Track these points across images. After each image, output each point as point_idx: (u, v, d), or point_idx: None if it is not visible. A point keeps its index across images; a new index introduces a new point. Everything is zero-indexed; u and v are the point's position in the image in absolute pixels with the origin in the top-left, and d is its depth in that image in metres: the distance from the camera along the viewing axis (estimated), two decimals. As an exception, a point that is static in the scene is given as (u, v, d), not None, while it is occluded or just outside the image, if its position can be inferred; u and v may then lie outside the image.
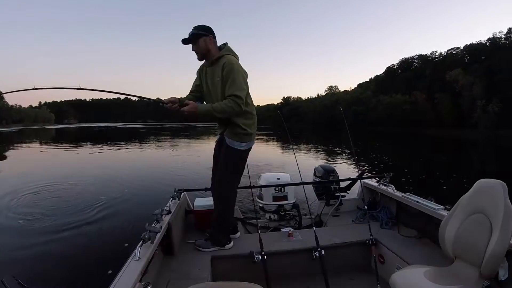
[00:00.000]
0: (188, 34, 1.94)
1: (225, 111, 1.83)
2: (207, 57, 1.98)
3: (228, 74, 1.85)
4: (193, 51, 1.98)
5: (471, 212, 1.51)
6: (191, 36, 1.93)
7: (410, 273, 1.51)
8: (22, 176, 8.42)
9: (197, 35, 1.92)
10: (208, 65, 2.00)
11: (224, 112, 1.84)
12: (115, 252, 3.35)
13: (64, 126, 65.67)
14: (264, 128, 47.84)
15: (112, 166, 10.35)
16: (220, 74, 1.89)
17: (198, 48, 1.95)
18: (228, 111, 1.83)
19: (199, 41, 1.93)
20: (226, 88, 1.85)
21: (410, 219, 2.33)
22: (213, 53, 1.97)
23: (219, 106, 1.82)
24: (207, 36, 1.93)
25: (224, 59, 1.91)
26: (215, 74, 1.95)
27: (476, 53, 46.55)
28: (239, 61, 1.99)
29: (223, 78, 1.87)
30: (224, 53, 1.95)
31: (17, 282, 1.01)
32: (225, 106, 1.82)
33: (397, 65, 64.76)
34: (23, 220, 4.66)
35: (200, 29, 1.94)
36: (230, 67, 1.86)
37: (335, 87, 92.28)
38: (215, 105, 1.83)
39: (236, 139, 1.98)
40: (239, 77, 1.86)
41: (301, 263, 2.09)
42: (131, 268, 1.30)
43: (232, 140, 1.98)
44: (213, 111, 1.82)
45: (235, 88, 1.83)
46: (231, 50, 2.01)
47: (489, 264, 1.35)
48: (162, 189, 6.50)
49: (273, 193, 2.90)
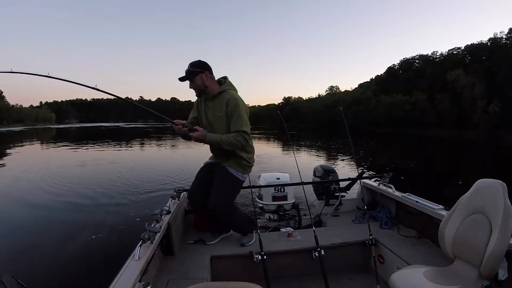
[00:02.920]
0: (185, 72, 1.97)
1: (233, 144, 1.91)
2: (205, 92, 2.02)
3: (233, 110, 1.92)
4: (190, 88, 2.01)
5: (470, 212, 1.51)
6: (187, 74, 1.96)
7: (409, 273, 1.50)
8: (22, 176, 8.45)
9: (193, 72, 1.95)
10: (209, 99, 2.03)
11: (232, 146, 1.92)
12: (115, 252, 3.36)
13: (66, 126, 65.69)
14: (262, 128, 47.82)
15: (112, 165, 10.36)
16: (224, 109, 1.94)
17: (195, 86, 1.99)
18: (237, 145, 1.92)
19: (196, 78, 1.96)
20: (232, 123, 1.93)
21: (410, 219, 2.32)
22: (212, 88, 2.00)
23: (228, 139, 1.90)
24: (203, 73, 1.97)
25: (227, 94, 1.97)
26: (217, 108, 1.99)
27: (477, 53, 46.44)
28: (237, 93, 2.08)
29: (228, 114, 1.93)
30: (226, 88, 2.01)
31: (16, 281, 1.01)
32: (234, 140, 1.90)
33: (398, 65, 64.77)
34: (23, 219, 4.67)
35: (196, 66, 1.97)
36: (235, 102, 1.92)
37: (336, 87, 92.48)
38: (224, 138, 1.90)
39: (240, 170, 2.05)
40: (244, 113, 1.94)
41: (301, 263, 2.09)
42: (130, 268, 1.30)
43: (236, 171, 2.04)
44: (221, 142, 1.89)
45: (241, 124, 1.91)
46: (232, 85, 2.07)
47: (489, 264, 1.34)
48: (161, 189, 6.51)
49: (272, 193, 2.90)
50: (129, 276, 1.23)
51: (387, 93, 56.30)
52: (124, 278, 1.22)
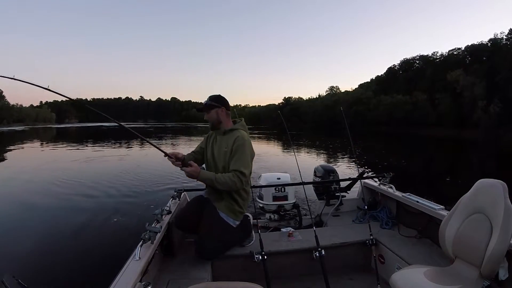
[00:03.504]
0: (203, 103, 2.05)
1: (228, 185, 1.84)
2: (218, 127, 2.05)
3: (238, 148, 1.90)
4: (205, 119, 2.06)
5: (471, 212, 1.51)
6: (204, 106, 2.03)
7: (410, 273, 1.51)
8: (23, 175, 8.45)
9: (210, 105, 2.02)
10: (220, 134, 2.06)
11: (226, 186, 1.85)
12: (115, 252, 3.35)
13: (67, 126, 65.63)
14: (262, 128, 47.69)
15: (112, 165, 10.36)
16: (230, 146, 1.93)
17: (210, 118, 2.04)
18: (231, 185, 1.85)
19: (211, 112, 2.02)
20: (233, 161, 1.89)
21: (410, 219, 2.33)
22: (225, 124, 2.04)
23: (222, 179, 1.83)
24: (219, 108, 2.02)
25: (237, 132, 1.99)
26: (224, 143, 1.99)
27: (477, 54, 46.38)
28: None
29: (232, 151, 1.91)
30: (238, 127, 2.03)
31: (17, 281, 1.01)
32: (229, 180, 1.83)
33: (398, 66, 64.65)
34: (23, 219, 4.67)
35: (214, 100, 2.03)
36: (242, 141, 1.92)
37: (336, 87, 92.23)
38: (218, 176, 1.84)
39: (231, 216, 1.96)
40: (247, 154, 1.92)
41: (301, 263, 2.09)
42: (131, 268, 1.30)
43: (228, 216, 1.96)
44: (215, 181, 1.83)
45: (241, 164, 1.87)
46: (245, 126, 2.09)
47: (489, 264, 1.34)
48: (162, 189, 6.51)
49: (273, 193, 2.90)
50: (129, 276, 1.23)
51: (387, 93, 56.20)
52: (125, 278, 1.22)
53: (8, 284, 0.98)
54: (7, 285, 0.97)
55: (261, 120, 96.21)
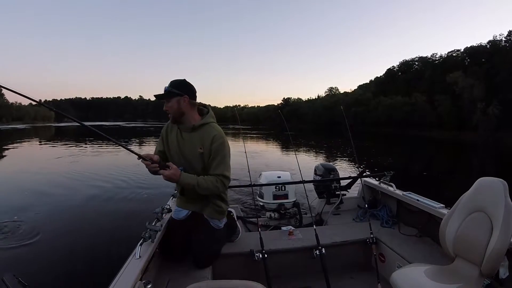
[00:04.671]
0: (163, 89, 1.68)
1: (210, 190, 1.68)
2: (181, 121, 1.74)
3: (219, 150, 1.69)
4: (164, 110, 1.73)
5: (471, 211, 1.51)
6: (164, 93, 1.68)
7: (410, 271, 1.51)
8: (22, 175, 8.43)
9: (170, 93, 1.67)
10: (186, 130, 1.75)
11: (208, 191, 1.69)
12: (116, 251, 3.33)
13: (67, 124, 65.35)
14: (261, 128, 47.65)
15: (112, 164, 10.33)
16: (208, 146, 1.69)
17: (170, 109, 1.70)
18: (214, 190, 1.70)
19: (172, 100, 1.68)
20: (214, 164, 1.69)
21: (411, 217, 2.33)
22: (190, 116, 1.73)
23: (205, 184, 1.64)
24: (181, 96, 1.68)
25: (212, 129, 1.73)
26: (197, 143, 1.71)
27: (476, 56, 46.41)
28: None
29: (211, 152, 1.69)
30: (209, 120, 1.76)
31: (17, 280, 1.01)
32: (212, 185, 1.66)
33: (398, 67, 64.78)
34: (23, 218, 4.65)
35: (175, 86, 1.68)
36: (221, 141, 1.70)
37: (335, 89, 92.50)
38: (200, 180, 1.64)
39: (217, 216, 1.85)
40: (228, 156, 1.73)
41: (302, 262, 2.09)
42: (131, 266, 1.30)
43: (212, 218, 1.84)
44: (197, 186, 1.63)
45: (224, 168, 1.70)
46: (214, 117, 1.82)
47: (490, 262, 1.34)
48: (162, 187, 6.49)
49: (273, 192, 2.90)
50: (130, 275, 1.23)
51: (386, 95, 56.30)
52: (125, 276, 1.22)
53: (8, 283, 0.97)
54: (8, 284, 0.96)
55: (260, 121, 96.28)
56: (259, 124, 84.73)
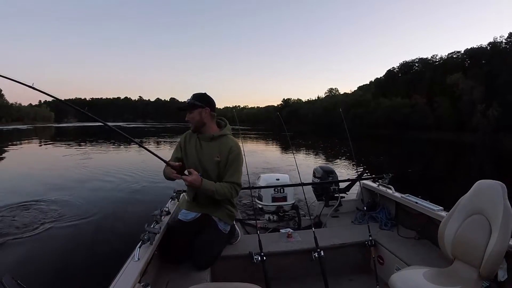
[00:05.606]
0: (186, 101, 1.87)
1: (225, 195, 1.81)
2: (201, 130, 1.89)
3: (235, 160, 1.84)
4: (186, 120, 1.87)
5: (470, 213, 1.51)
6: (187, 105, 1.84)
7: (409, 274, 1.51)
8: (22, 175, 8.42)
9: (193, 105, 1.83)
10: (205, 139, 1.89)
11: (224, 196, 1.81)
12: (114, 253, 3.33)
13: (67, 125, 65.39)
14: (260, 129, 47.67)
15: (111, 166, 10.31)
16: (225, 155, 1.83)
17: (192, 119, 1.85)
18: (228, 196, 1.82)
19: (194, 112, 1.84)
20: (229, 173, 1.83)
21: (410, 220, 2.33)
22: (210, 127, 1.89)
23: (221, 190, 1.78)
24: (203, 108, 1.84)
25: (230, 140, 1.88)
26: (214, 151, 1.85)
27: (476, 58, 46.53)
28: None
29: (228, 162, 1.83)
30: (227, 132, 1.92)
31: (16, 282, 1.01)
32: (227, 192, 1.79)
33: (398, 68, 64.85)
34: (22, 219, 4.64)
35: (198, 99, 1.85)
36: (237, 152, 1.85)
37: (335, 90, 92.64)
38: (218, 187, 1.77)
39: (227, 220, 1.95)
40: (241, 166, 1.88)
41: (300, 264, 2.08)
42: (130, 268, 1.30)
43: (223, 222, 1.94)
44: (215, 192, 1.76)
45: (238, 177, 1.84)
46: (231, 130, 1.97)
47: (489, 265, 1.34)
48: (161, 189, 6.49)
49: (272, 194, 2.90)
50: (128, 277, 1.23)
51: (386, 96, 56.35)
52: (124, 279, 1.22)
53: (7, 284, 0.97)
54: (6, 286, 0.96)
55: (260, 122, 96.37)
56: (259, 124, 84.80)
